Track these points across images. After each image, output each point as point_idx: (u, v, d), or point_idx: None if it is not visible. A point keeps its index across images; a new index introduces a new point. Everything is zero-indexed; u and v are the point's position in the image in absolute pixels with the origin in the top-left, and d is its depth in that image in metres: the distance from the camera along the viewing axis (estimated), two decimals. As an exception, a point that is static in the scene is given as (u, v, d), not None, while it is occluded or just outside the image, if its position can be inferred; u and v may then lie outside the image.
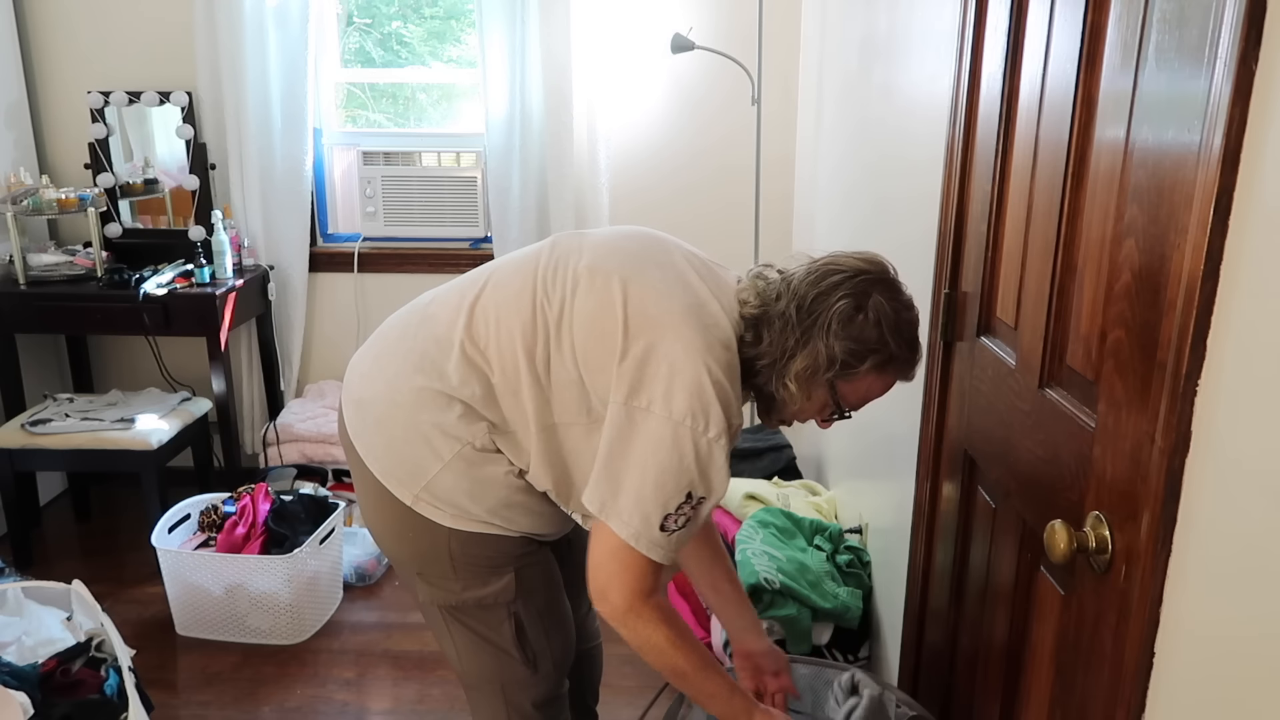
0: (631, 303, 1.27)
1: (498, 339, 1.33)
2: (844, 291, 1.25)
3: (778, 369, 1.28)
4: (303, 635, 2.58)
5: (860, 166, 2.35)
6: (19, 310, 2.94)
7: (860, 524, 2.37)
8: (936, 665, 1.70)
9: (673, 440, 1.21)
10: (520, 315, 1.32)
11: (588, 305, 1.29)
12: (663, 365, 1.22)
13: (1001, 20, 1.38)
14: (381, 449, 1.39)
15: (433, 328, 1.38)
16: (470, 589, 1.43)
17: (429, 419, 1.34)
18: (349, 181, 3.39)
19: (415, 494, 1.37)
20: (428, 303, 1.45)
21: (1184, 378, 0.85)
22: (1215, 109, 0.81)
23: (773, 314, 1.28)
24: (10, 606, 2.12)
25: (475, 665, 1.51)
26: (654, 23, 3.13)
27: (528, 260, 1.40)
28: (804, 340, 1.25)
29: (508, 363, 1.32)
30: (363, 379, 1.44)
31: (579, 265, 1.33)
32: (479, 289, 1.38)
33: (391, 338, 1.44)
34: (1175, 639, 0.90)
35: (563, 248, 1.39)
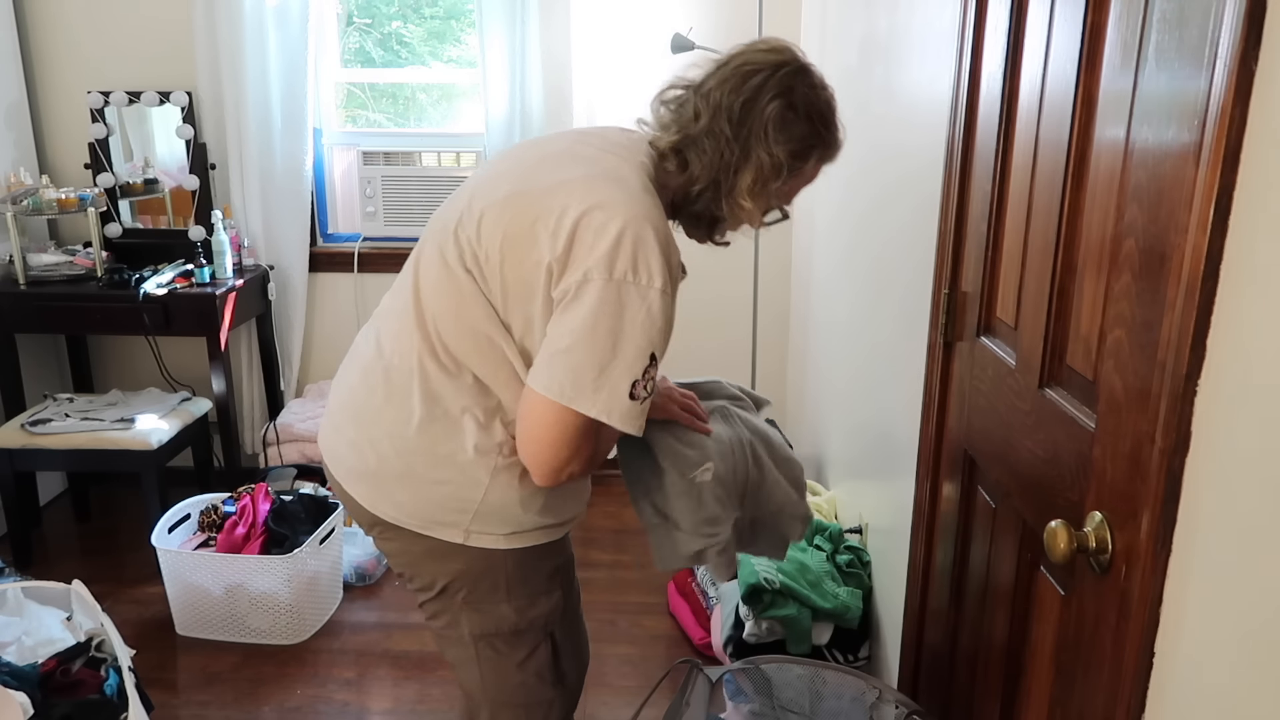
0: (534, 203, 1.21)
1: (455, 333, 1.26)
2: (771, 93, 1.21)
3: (724, 189, 1.24)
4: (303, 635, 2.58)
5: (860, 167, 2.35)
6: (19, 310, 2.94)
7: (860, 524, 2.37)
8: (936, 665, 1.70)
9: (619, 300, 1.15)
10: (454, 298, 1.26)
11: (502, 236, 1.22)
12: (587, 234, 1.15)
13: (1001, 20, 1.38)
14: (414, 503, 1.31)
15: (401, 369, 1.30)
16: (522, 611, 1.39)
17: (450, 449, 1.28)
18: (349, 181, 3.40)
19: (466, 528, 1.31)
20: (377, 348, 1.35)
21: (1184, 378, 0.85)
22: (1215, 109, 0.81)
23: (697, 134, 1.23)
24: (10, 606, 2.12)
25: (505, 692, 1.46)
26: (654, 23, 3.13)
27: (431, 244, 1.32)
28: (745, 154, 1.22)
29: (477, 347, 1.26)
30: (357, 449, 1.34)
31: (472, 211, 1.27)
32: (412, 303, 1.30)
33: (364, 400, 1.34)
34: (1175, 639, 0.90)
35: (453, 211, 1.31)
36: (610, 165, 1.24)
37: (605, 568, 2.90)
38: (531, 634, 1.43)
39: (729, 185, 1.24)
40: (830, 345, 2.72)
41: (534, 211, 1.20)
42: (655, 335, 1.18)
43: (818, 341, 2.92)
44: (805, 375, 3.14)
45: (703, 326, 3.44)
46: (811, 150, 1.25)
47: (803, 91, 1.22)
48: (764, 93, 1.21)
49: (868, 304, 2.25)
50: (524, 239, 1.20)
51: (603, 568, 2.89)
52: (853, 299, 2.42)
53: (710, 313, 3.42)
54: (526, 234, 1.20)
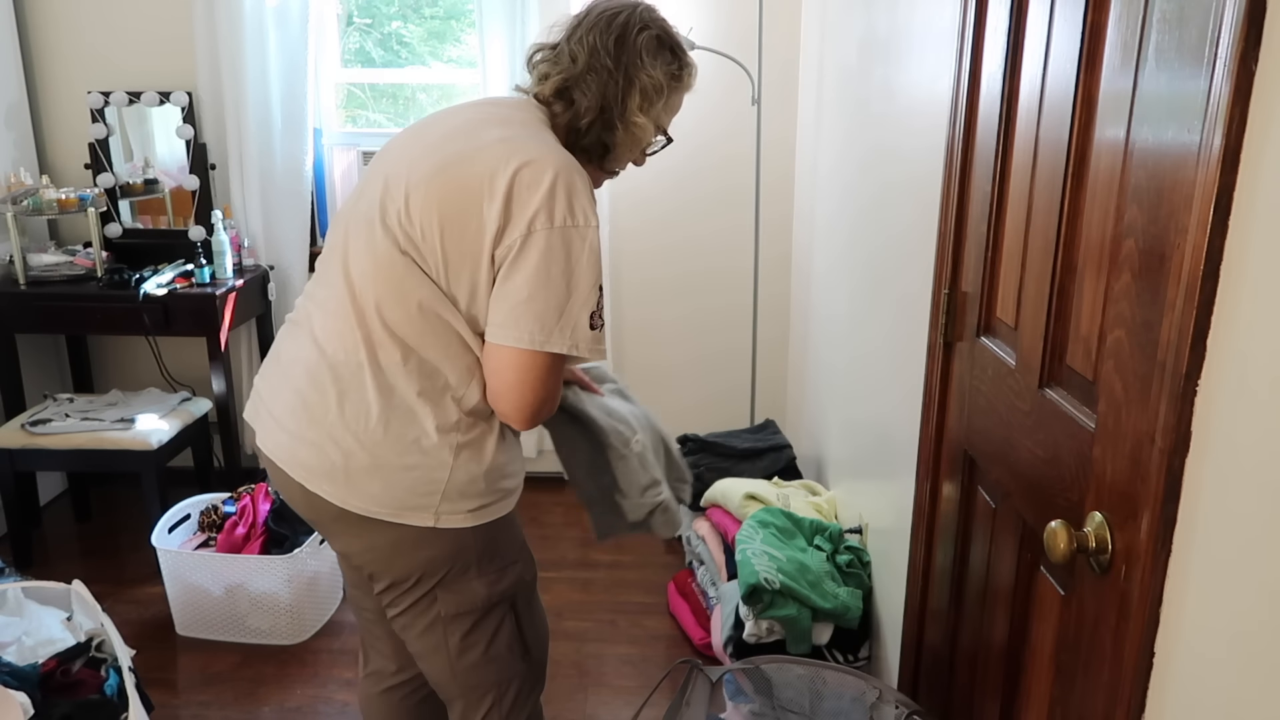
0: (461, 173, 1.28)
1: (399, 315, 1.30)
2: (638, 26, 1.37)
3: (616, 114, 1.37)
4: (303, 635, 2.58)
5: (860, 166, 2.35)
6: (19, 310, 2.94)
7: (860, 524, 2.37)
8: (936, 665, 1.70)
9: (565, 244, 1.25)
10: (395, 280, 1.29)
11: (434, 213, 1.28)
12: (522, 191, 1.25)
13: (1001, 20, 1.38)
14: (385, 491, 1.33)
15: (347, 365, 1.32)
16: (491, 585, 1.43)
17: (414, 434, 1.32)
18: (349, 182, 3.40)
19: (436, 510, 1.34)
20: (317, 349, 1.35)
21: (1184, 378, 0.85)
22: (1215, 109, 0.81)
23: (579, 74, 1.36)
24: (10, 606, 2.12)
25: (476, 674, 1.49)
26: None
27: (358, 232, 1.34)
28: (629, 80, 1.36)
29: (424, 326, 1.30)
30: (318, 449, 1.34)
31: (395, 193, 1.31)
32: (347, 295, 1.33)
33: (315, 400, 1.34)
34: (1175, 639, 0.90)
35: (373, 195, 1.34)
36: (518, 124, 1.35)
37: (605, 568, 2.90)
38: (499, 608, 1.46)
39: (620, 109, 1.37)
40: (830, 345, 2.72)
41: (464, 181, 1.27)
42: (599, 268, 1.30)
43: (818, 341, 2.92)
44: (805, 375, 3.14)
45: (703, 327, 3.44)
46: (680, 72, 1.41)
47: (660, 24, 1.40)
48: (630, 27, 1.37)
49: (868, 304, 2.25)
50: (460, 209, 1.27)
51: (602, 568, 2.89)
52: (853, 299, 2.42)
53: (711, 313, 3.42)
54: (461, 204, 1.27)
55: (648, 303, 3.42)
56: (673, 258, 3.38)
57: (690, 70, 1.44)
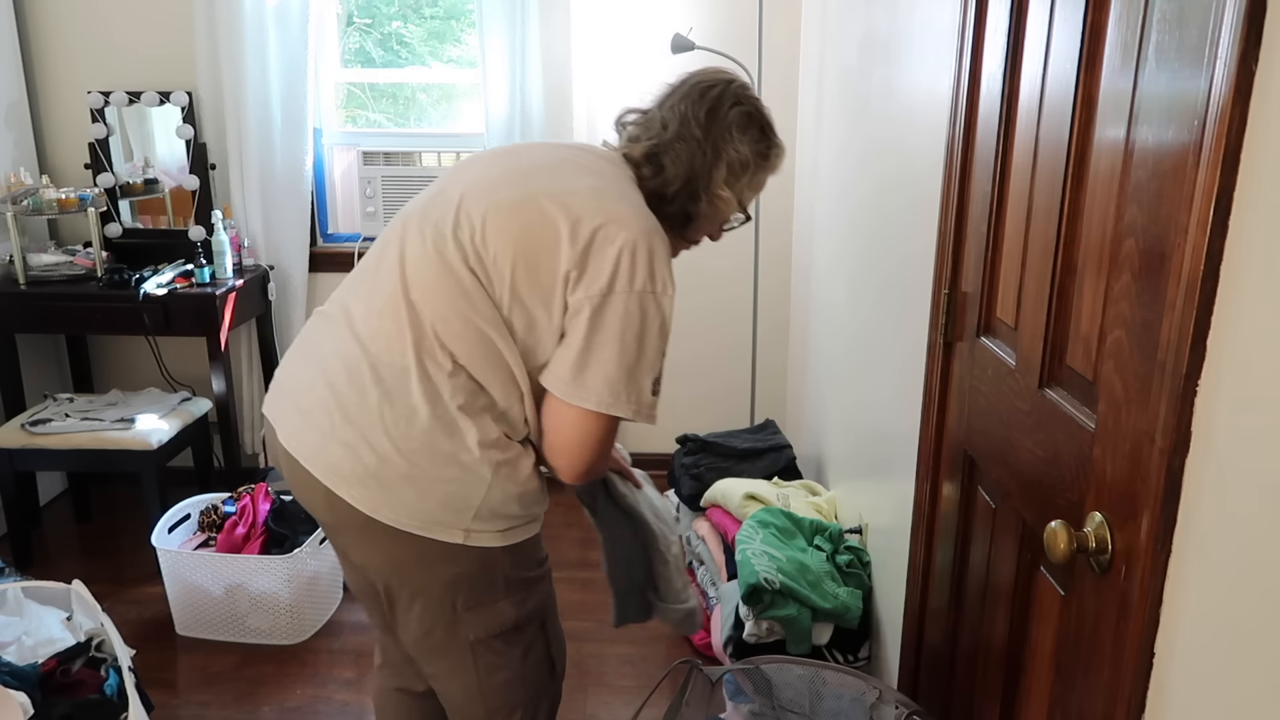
0: (556, 205, 1.27)
1: (452, 330, 1.28)
2: (730, 101, 1.37)
3: (701, 185, 1.37)
4: (303, 635, 2.58)
5: (860, 166, 2.35)
6: (19, 310, 2.94)
7: (860, 524, 2.37)
8: (936, 665, 1.70)
9: (641, 310, 1.26)
10: (455, 296, 1.27)
11: (512, 242, 1.27)
12: (609, 248, 1.25)
13: (1001, 20, 1.38)
14: (415, 502, 1.29)
15: (391, 366, 1.29)
16: (518, 606, 1.41)
17: (453, 447, 1.28)
18: (349, 181, 3.40)
19: (466, 527, 1.31)
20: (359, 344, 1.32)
21: (1184, 378, 0.85)
22: (1215, 109, 0.81)
23: (669, 141, 1.36)
24: (10, 606, 2.12)
25: (504, 693, 1.46)
26: (654, 23, 3.13)
27: (420, 243, 1.32)
28: (716, 153, 1.36)
29: (476, 345, 1.28)
30: (353, 449, 1.29)
31: (474, 215, 1.30)
32: (401, 299, 1.30)
33: (353, 399, 1.30)
34: (1175, 639, 0.90)
35: (445, 213, 1.32)
36: (611, 178, 1.34)
37: (605, 568, 2.90)
38: (529, 627, 1.44)
39: (705, 181, 1.37)
40: (830, 345, 2.72)
41: (547, 218, 1.27)
42: (668, 335, 1.31)
43: (818, 341, 2.92)
44: (805, 375, 3.14)
45: (703, 326, 3.44)
46: (768, 151, 1.40)
47: (752, 102, 1.40)
48: (724, 101, 1.37)
49: (868, 304, 2.25)
50: (537, 245, 1.26)
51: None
52: (853, 299, 2.42)
53: (711, 312, 3.42)
54: (540, 240, 1.26)
55: (648, 303, 3.42)
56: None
57: (778, 152, 1.43)
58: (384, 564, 1.37)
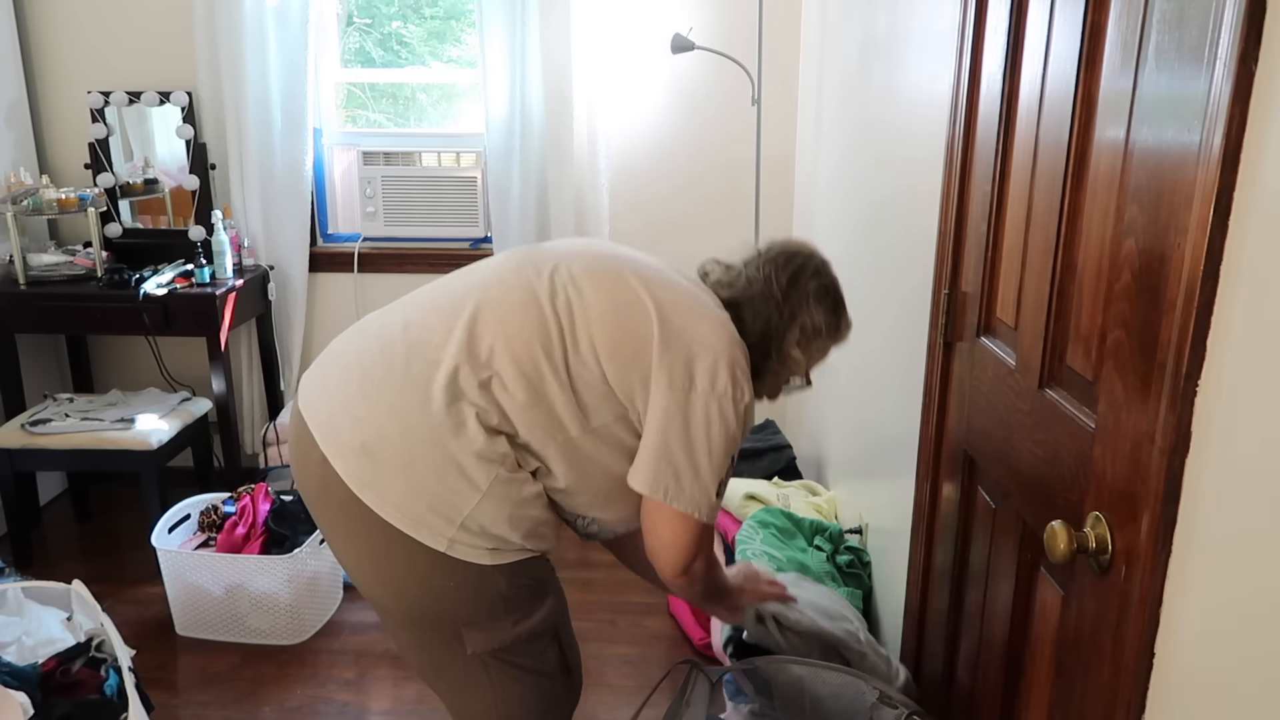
0: (649, 289, 1.35)
1: (510, 353, 1.30)
2: (810, 272, 1.47)
3: (774, 343, 1.44)
4: (303, 635, 2.58)
5: (860, 166, 2.35)
6: (19, 310, 2.94)
7: (860, 524, 2.37)
8: (936, 665, 1.70)
9: (721, 414, 1.31)
10: (530, 325, 1.31)
11: (603, 303, 1.33)
12: (698, 347, 1.31)
13: (1001, 20, 1.38)
14: (404, 494, 1.28)
15: (425, 353, 1.31)
16: (522, 622, 1.39)
17: (458, 447, 1.27)
18: (349, 181, 3.39)
19: (450, 536, 1.29)
20: (406, 327, 1.36)
21: (1184, 378, 0.85)
22: (1215, 109, 0.81)
23: (752, 297, 1.44)
24: (10, 606, 2.12)
25: (520, 704, 1.45)
26: (654, 23, 3.13)
27: (511, 272, 1.38)
28: (792, 316, 1.43)
29: (527, 375, 1.29)
30: (359, 421, 1.30)
31: (573, 269, 1.37)
32: (470, 307, 1.33)
33: (378, 373, 1.32)
34: (1175, 639, 0.90)
35: (544, 258, 1.40)
36: (707, 295, 1.43)
37: (605, 568, 2.89)
38: (541, 638, 1.43)
39: (779, 340, 1.44)
40: (830, 345, 2.72)
41: (643, 308, 1.33)
42: (738, 442, 1.36)
43: (818, 341, 2.92)
44: (805, 375, 3.13)
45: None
46: (838, 324, 1.49)
47: (830, 277, 1.50)
48: (805, 270, 1.47)
49: (868, 304, 2.25)
50: (630, 325, 1.32)
51: (602, 568, 2.89)
52: (853, 299, 2.41)
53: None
54: (633, 323, 1.32)
55: (648, 303, 3.42)
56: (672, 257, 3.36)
57: (847, 326, 1.51)
58: (374, 568, 1.35)
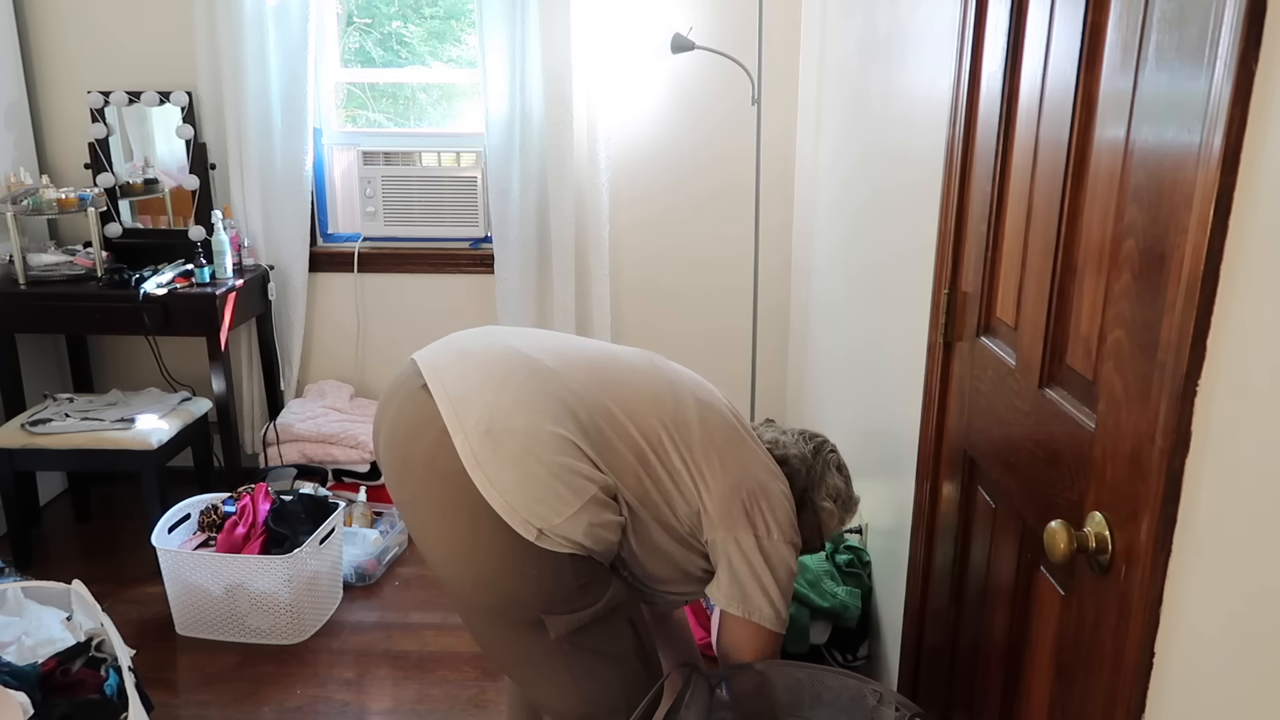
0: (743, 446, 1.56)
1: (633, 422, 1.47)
2: (829, 449, 1.74)
3: (810, 495, 1.68)
4: (303, 635, 2.58)
5: (860, 166, 2.35)
6: (19, 310, 2.94)
7: (860, 524, 2.37)
8: (936, 665, 1.70)
9: (790, 555, 1.56)
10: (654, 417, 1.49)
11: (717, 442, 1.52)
12: (772, 500, 1.54)
13: (1001, 20, 1.38)
14: (514, 483, 1.37)
15: (568, 384, 1.47)
16: (594, 603, 1.47)
17: (569, 463, 1.39)
18: (349, 181, 3.40)
19: (540, 529, 1.38)
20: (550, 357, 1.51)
21: (1184, 378, 0.85)
22: (1215, 109, 0.81)
23: (789, 455, 1.68)
24: (10, 606, 2.12)
25: (600, 687, 1.54)
26: (654, 23, 3.13)
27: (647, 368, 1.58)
28: (821, 477, 1.69)
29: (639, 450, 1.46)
30: (493, 409, 1.41)
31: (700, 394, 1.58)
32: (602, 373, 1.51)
33: (519, 376, 1.46)
34: (1175, 639, 0.90)
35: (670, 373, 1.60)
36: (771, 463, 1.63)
37: (605, 568, 2.90)
38: (614, 617, 1.51)
39: (813, 493, 1.69)
40: (830, 345, 2.72)
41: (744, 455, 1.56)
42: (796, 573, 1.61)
43: (818, 342, 2.92)
44: (805, 375, 3.14)
45: (703, 326, 3.44)
46: (850, 493, 1.74)
47: (840, 459, 1.75)
48: (824, 446, 1.74)
49: (868, 304, 2.25)
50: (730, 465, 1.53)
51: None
52: (853, 298, 2.42)
53: (711, 311, 3.42)
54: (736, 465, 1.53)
55: (647, 303, 3.42)
56: (672, 257, 3.38)
57: (855, 502, 1.76)
58: (460, 544, 1.42)
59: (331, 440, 3.15)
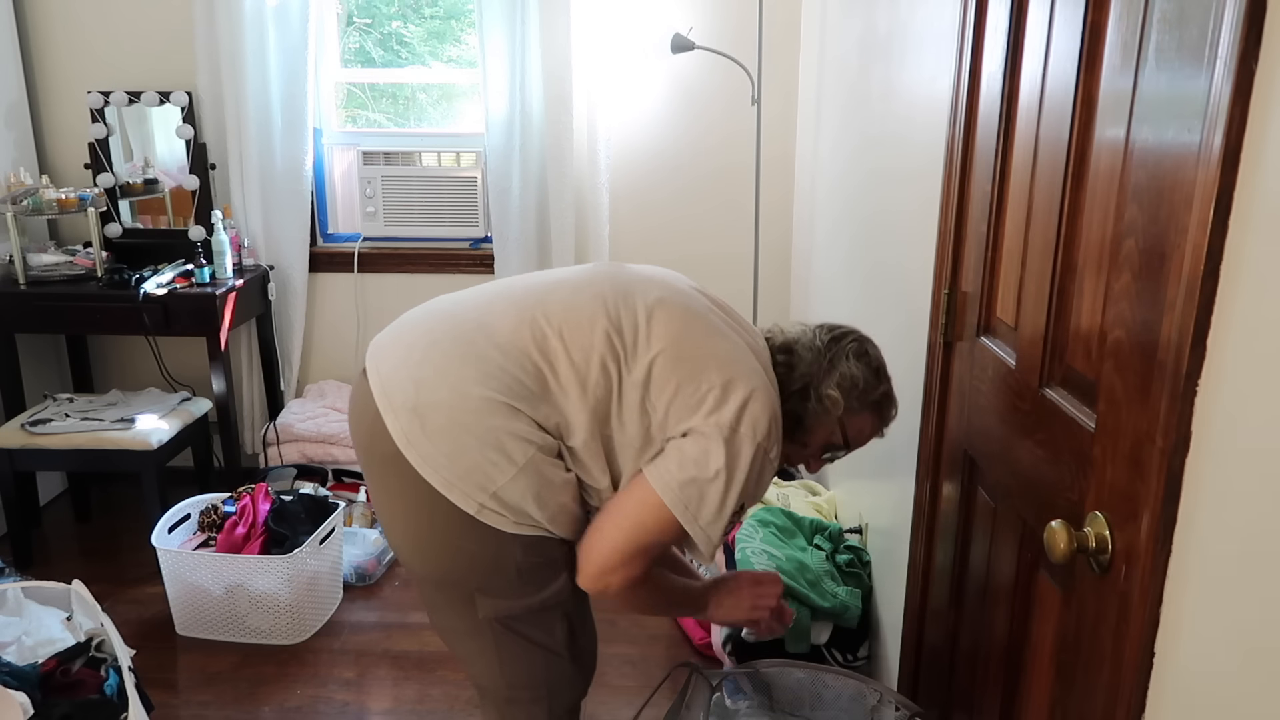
0: (712, 337, 1.42)
1: (569, 356, 1.38)
2: (852, 338, 1.52)
3: (813, 388, 1.48)
4: (303, 635, 2.58)
5: (860, 166, 2.35)
6: (19, 310, 2.94)
7: (860, 524, 2.37)
8: (936, 665, 1.70)
9: (753, 458, 1.37)
10: (594, 336, 1.39)
11: (669, 335, 1.40)
12: (746, 393, 1.37)
13: (1001, 20, 1.38)
14: (446, 457, 1.35)
15: (494, 336, 1.40)
16: (533, 594, 1.44)
17: (503, 425, 1.35)
18: (349, 181, 3.40)
19: (481, 502, 1.35)
20: (472, 308, 1.45)
21: (1184, 378, 0.85)
22: (1215, 109, 0.81)
23: (800, 347, 1.50)
24: (10, 606, 2.12)
25: (524, 675, 1.51)
26: (654, 23, 3.13)
27: (585, 283, 1.46)
28: (831, 366, 1.48)
29: (582, 380, 1.37)
30: (418, 385, 1.38)
31: (649, 297, 1.44)
32: (545, 308, 1.42)
33: (444, 345, 1.41)
34: (1175, 639, 0.90)
35: (621, 279, 1.48)
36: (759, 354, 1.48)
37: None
38: (551, 612, 1.48)
39: (818, 383, 1.48)
40: (830, 345, 2.72)
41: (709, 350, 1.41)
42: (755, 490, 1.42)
43: (818, 341, 2.92)
44: (805, 375, 3.13)
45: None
46: (879, 385, 1.51)
47: (872, 350, 1.54)
48: (846, 337, 1.53)
49: (868, 304, 2.25)
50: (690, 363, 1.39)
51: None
52: (853, 299, 2.42)
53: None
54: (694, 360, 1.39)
55: (648, 303, 3.42)
56: (672, 257, 3.37)
57: (890, 403, 1.54)
58: (407, 521, 1.42)
59: (331, 440, 3.15)
